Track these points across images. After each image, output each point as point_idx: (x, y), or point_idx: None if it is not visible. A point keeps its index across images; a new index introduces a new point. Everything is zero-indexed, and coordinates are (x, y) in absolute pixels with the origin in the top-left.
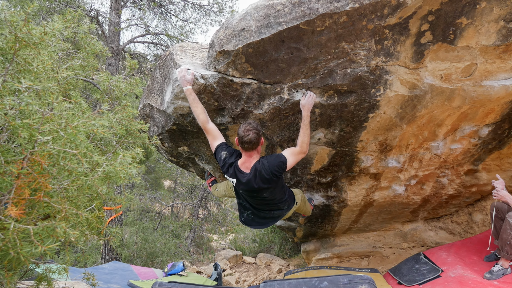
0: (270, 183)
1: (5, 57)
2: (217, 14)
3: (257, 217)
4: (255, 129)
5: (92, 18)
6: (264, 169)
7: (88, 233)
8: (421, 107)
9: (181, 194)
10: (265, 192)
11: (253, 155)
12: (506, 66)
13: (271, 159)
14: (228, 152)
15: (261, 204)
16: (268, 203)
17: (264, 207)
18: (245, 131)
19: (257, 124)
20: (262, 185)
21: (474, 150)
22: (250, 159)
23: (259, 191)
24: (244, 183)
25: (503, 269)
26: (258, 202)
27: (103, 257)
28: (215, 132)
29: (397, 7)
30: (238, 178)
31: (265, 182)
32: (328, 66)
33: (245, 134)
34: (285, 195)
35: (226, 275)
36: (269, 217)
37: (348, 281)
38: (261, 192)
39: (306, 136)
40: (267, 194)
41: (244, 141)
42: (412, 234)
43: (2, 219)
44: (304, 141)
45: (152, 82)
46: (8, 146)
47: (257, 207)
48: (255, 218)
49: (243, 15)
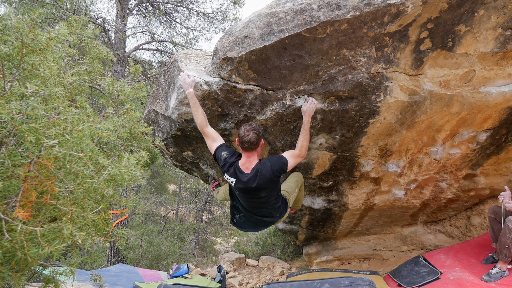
0: (270, 183)
1: (12, 63)
2: (221, 22)
3: (248, 220)
4: (255, 130)
5: (98, 25)
6: (266, 169)
7: (94, 235)
8: (421, 113)
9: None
10: (262, 192)
11: (253, 155)
12: (504, 72)
13: (273, 159)
14: (228, 152)
15: (255, 208)
16: (262, 207)
17: (258, 211)
18: (245, 132)
19: (258, 125)
20: (261, 184)
21: (473, 155)
22: (250, 160)
23: (257, 190)
24: (244, 182)
25: (501, 271)
26: (253, 205)
27: (109, 259)
28: (213, 134)
29: (397, 15)
30: (238, 177)
31: (265, 182)
32: (329, 73)
33: (245, 134)
34: (279, 201)
35: (230, 277)
36: (261, 222)
37: (349, 283)
38: (258, 192)
39: (305, 140)
40: (264, 194)
41: (244, 141)
42: (411, 237)
43: (10, 221)
44: (303, 145)
45: (157, 89)
46: (15, 150)
47: (250, 210)
48: (247, 221)
49: (246, 23)
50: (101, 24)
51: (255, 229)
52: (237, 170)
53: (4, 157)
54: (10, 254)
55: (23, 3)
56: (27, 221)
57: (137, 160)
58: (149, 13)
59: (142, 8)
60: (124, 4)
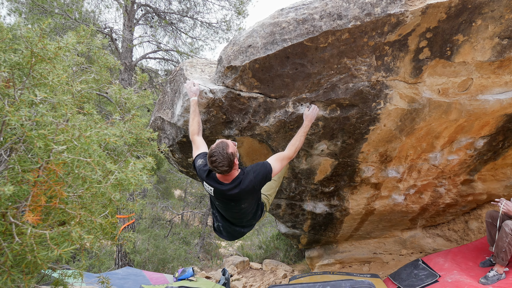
0: (251, 194)
1: (22, 71)
2: (225, 32)
3: (225, 230)
4: (223, 163)
5: (106, 35)
6: (249, 180)
7: (102, 238)
8: (420, 120)
9: (191, 203)
10: (243, 202)
11: (229, 175)
12: (501, 81)
13: (257, 168)
14: (205, 161)
15: (234, 218)
16: (242, 217)
17: (237, 221)
18: (212, 164)
19: (223, 149)
20: (242, 195)
21: (470, 161)
22: (228, 176)
23: (237, 201)
24: (223, 191)
25: (498, 274)
26: (232, 215)
27: (117, 263)
28: (198, 143)
29: (396, 25)
30: (216, 187)
31: (247, 193)
32: (331, 81)
33: (213, 168)
34: (258, 210)
35: (234, 280)
36: (238, 233)
37: (350, 286)
38: (239, 203)
39: (298, 141)
40: (245, 205)
41: (214, 168)
42: (411, 241)
43: (20, 225)
44: (294, 145)
45: (163, 96)
46: (25, 155)
47: (230, 220)
48: (224, 231)
49: (250, 32)
50: (109, 34)
51: (233, 239)
52: (214, 180)
53: (14, 163)
54: (21, 257)
55: (33, 13)
56: (37, 225)
57: (143, 165)
58: (155, 23)
59: (149, 18)
60: (131, 14)
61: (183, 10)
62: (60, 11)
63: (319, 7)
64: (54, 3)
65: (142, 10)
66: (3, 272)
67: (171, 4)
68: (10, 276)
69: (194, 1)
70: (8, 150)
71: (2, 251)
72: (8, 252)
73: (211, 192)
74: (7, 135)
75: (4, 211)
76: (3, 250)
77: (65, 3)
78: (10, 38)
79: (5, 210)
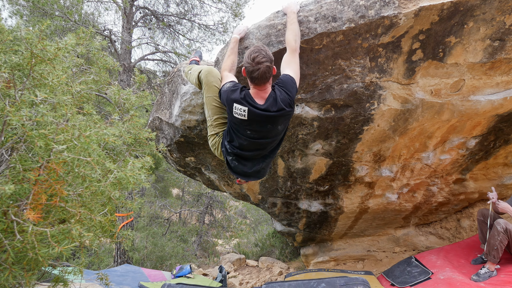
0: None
1: (22, 72)
2: (221, 33)
3: (241, 164)
4: (267, 59)
5: (105, 37)
6: (284, 97)
7: (101, 236)
8: (413, 120)
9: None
10: (280, 124)
11: (265, 87)
12: (492, 82)
13: (284, 84)
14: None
15: (254, 150)
16: (265, 147)
17: (257, 154)
18: (255, 64)
19: (266, 49)
20: (281, 113)
21: (462, 161)
22: (262, 92)
23: (275, 119)
24: (262, 108)
25: (490, 271)
26: (257, 145)
27: (116, 260)
28: (229, 76)
29: (390, 27)
30: (252, 104)
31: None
32: (325, 82)
33: (255, 69)
34: (279, 145)
35: (231, 277)
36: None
37: (344, 282)
38: (275, 124)
39: (292, 31)
40: (281, 128)
41: (254, 77)
42: (404, 239)
43: (21, 223)
44: (290, 39)
45: (161, 97)
46: (26, 155)
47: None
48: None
49: (246, 34)
50: (108, 36)
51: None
52: (248, 98)
53: (15, 162)
54: (22, 254)
55: (33, 15)
56: (38, 223)
57: (142, 165)
58: (154, 26)
59: (147, 20)
60: (130, 16)
61: (181, 12)
62: (60, 13)
63: (314, 10)
64: (55, 5)
65: (140, 12)
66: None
67: (169, 7)
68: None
69: (191, 3)
70: (9, 150)
71: (4, 249)
72: (10, 250)
73: (244, 114)
74: (8, 135)
75: (5, 209)
76: (5, 248)
77: (65, 5)
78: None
79: (7, 208)
